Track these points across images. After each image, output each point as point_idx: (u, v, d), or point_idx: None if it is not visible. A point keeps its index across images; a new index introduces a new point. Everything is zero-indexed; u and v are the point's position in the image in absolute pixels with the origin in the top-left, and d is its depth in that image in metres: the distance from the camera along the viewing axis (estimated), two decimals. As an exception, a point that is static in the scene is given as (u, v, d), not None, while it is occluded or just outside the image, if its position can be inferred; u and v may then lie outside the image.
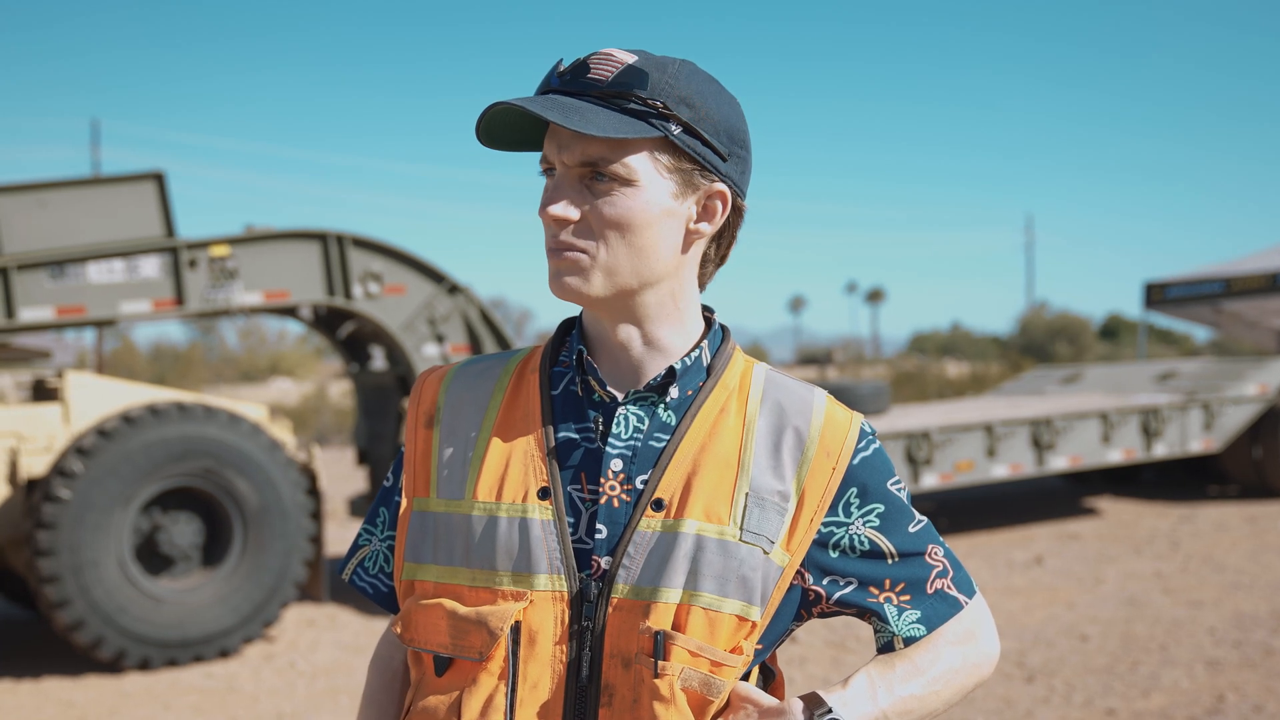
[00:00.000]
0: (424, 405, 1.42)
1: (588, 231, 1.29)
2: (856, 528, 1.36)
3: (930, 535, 1.41)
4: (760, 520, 1.30)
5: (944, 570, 1.41)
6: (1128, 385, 12.59)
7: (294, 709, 5.79)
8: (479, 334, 7.92)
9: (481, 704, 1.27)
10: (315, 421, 22.32)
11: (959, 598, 1.42)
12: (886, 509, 1.38)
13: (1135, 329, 38.94)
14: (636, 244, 1.29)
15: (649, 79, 1.27)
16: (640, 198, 1.28)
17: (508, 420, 1.37)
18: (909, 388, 24.27)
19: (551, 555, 1.28)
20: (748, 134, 1.37)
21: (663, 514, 1.29)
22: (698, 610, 1.26)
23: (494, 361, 1.45)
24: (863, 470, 1.37)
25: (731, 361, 1.39)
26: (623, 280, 1.30)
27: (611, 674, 1.26)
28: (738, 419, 1.35)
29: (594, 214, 1.28)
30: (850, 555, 1.36)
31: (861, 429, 1.39)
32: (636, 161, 1.27)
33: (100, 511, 6.27)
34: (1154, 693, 5.61)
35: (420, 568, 1.35)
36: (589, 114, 1.25)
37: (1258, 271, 14.55)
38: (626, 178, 1.27)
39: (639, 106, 1.26)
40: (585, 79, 1.28)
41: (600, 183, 1.28)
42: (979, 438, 9.67)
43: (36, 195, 6.93)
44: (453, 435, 1.38)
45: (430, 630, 1.32)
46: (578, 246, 1.29)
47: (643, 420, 1.33)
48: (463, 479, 1.35)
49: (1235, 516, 10.88)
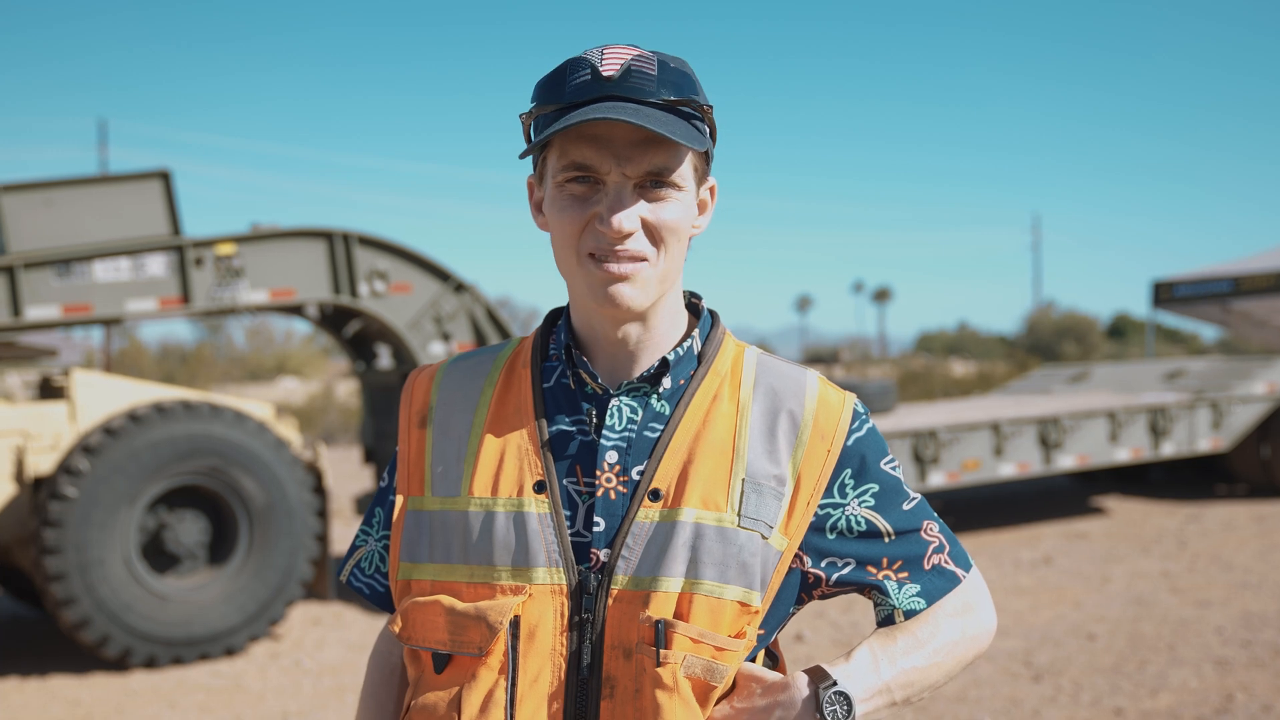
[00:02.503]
0: (416, 405, 1.43)
1: (645, 241, 1.29)
2: (853, 508, 1.36)
3: (925, 511, 1.42)
4: (758, 505, 1.30)
5: (940, 545, 1.42)
6: (1135, 384, 12.56)
7: (300, 707, 5.79)
8: (485, 332, 7.91)
9: (482, 699, 1.27)
10: (321, 420, 22.34)
11: (956, 571, 1.42)
12: (881, 488, 1.38)
13: (1143, 328, 38.86)
14: (680, 249, 1.32)
15: (697, 84, 1.29)
16: (686, 203, 1.31)
17: (500, 415, 1.37)
18: (916, 387, 24.24)
19: (549, 549, 1.28)
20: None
21: (660, 504, 1.29)
22: (700, 598, 1.26)
23: (483, 357, 1.45)
24: (856, 450, 1.37)
25: (722, 347, 1.40)
26: (666, 285, 1.33)
27: (613, 665, 1.26)
28: (731, 405, 1.35)
29: (656, 222, 1.28)
30: (847, 536, 1.36)
31: (854, 410, 1.40)
32: (685, 168, 1.30)
33: (106, 510, 6.28)
34: (1162, 692, 5.59)
35: (416, 567, 1.35)
36: (674, 125, 1.25)
37: (1266, 270, 14.51)
38: (680, 185, 1.29)
39: (691, 111, 1.28)
40: (640, 85, 1.26)
41: (655, 190, 1.28)
42: (986, 437, 9.65)
43: (43, 194, 6.94)
44: (446, 433, 1.38)
45: (428, 628, 1.31)
46: (640, 256, 1.28)
47: (636, 411, 1.33)
48: (458, 476, 1.35)
49: (1243, 515, 10.84)
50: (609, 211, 1.26)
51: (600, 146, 1.26)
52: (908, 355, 47.85)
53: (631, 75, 1.26)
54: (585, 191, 1.28)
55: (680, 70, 1.29)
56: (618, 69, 1.26)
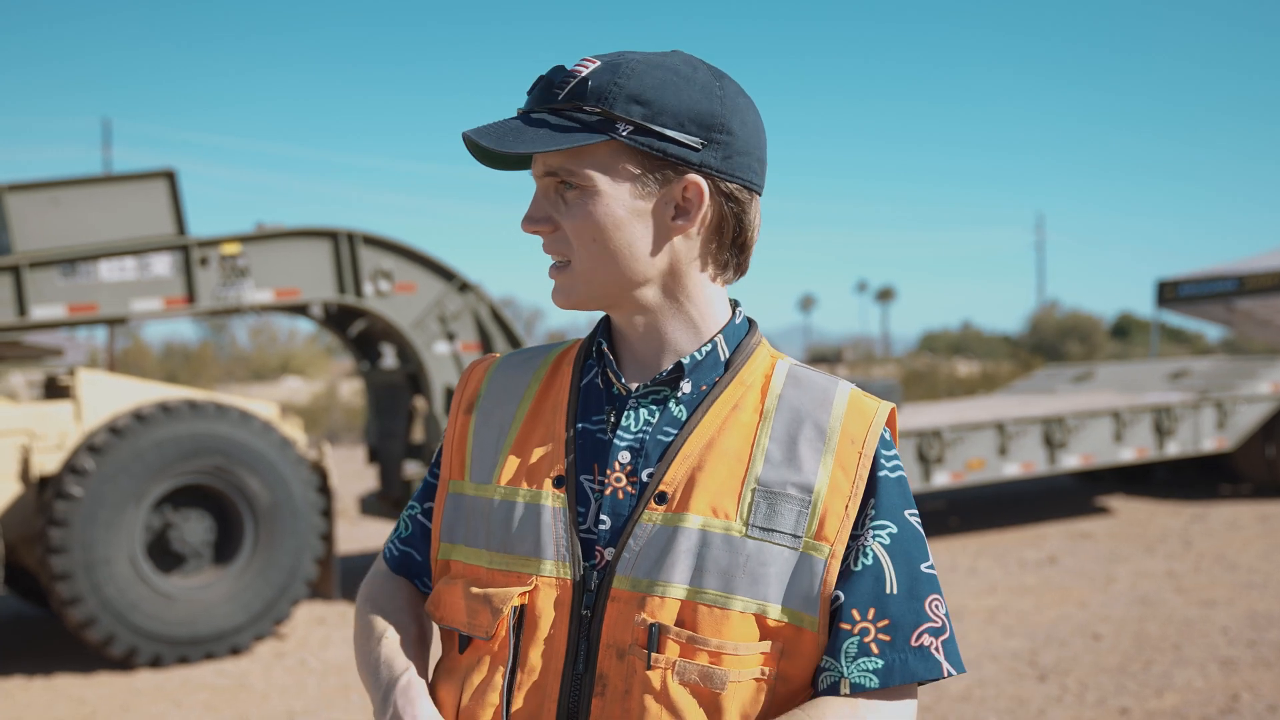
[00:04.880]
0: (467, 392, 1.47)
1: (564, 240, 1.32)
2: (865, 539, 1.29)
3: (936, 584, 1.32)
4: (769, 515, 1.27)
5: (941, 628, 1.29)
6: (1140, 384, 12.55)
7: (305, 706, 5.80)
8: (489, 332, 7.91)
9: (481, 682, 1.30)
10: (326, 419, 22.36)
11: (944, 664, 1.28)
12: (900, 532, 1.30)
13: (1147, 328, 38.82)
14: (610, 248, 1.30)
15: (589, 86, 1.28)
16: (601, 203, 1.29)
17: (539, 410, 1.40)
18: (920, 387, 24.22)
19: (559, 542, 1.30)
20: (729, 114, 1.31)
21: (665, 507, 1.28)
22: (704, 608, 1.25)
23: (536, 353, 1.48)
24: (885, 483, 1.31)
25: (754, 357, 1.37)
26: (605, 285, 1.32)
27: (606, 664, 1.26)
28: (753, 415, 1.33)
29: (565, 223, 1.31)
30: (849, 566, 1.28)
31: (883, 438, 1.33)
32: (592, 168, 1.29)
33: (112, 509, 6.29)
34: (1167, 692, 5.59)
35: (454, 548, 1.39)
36: (526, 133, 1.28)
37: (1271, 269, 14.49)
38: (585, 185, 1.29)
39: (587, 115, 1.28)
40: (547, 94, 1.31)
41: (568, 191, 1.30)
42: (990, 436, 9.64)
43: (48, 194, 6.94)
44: (488, 422, 1.42)
45: (453, 608, 1.35)
46: (559, 256, 1.33)
47: (653, 414, 1.34)
48: (492, 464, 1.38)
49: (1248, 515, 10.83)
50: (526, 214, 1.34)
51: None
52: (912, 355, 47.79)
53: (547, 87, 1.31)
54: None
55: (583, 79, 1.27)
56: (537, 83, 1.32)
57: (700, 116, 1.29)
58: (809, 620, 1.27)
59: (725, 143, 1.31)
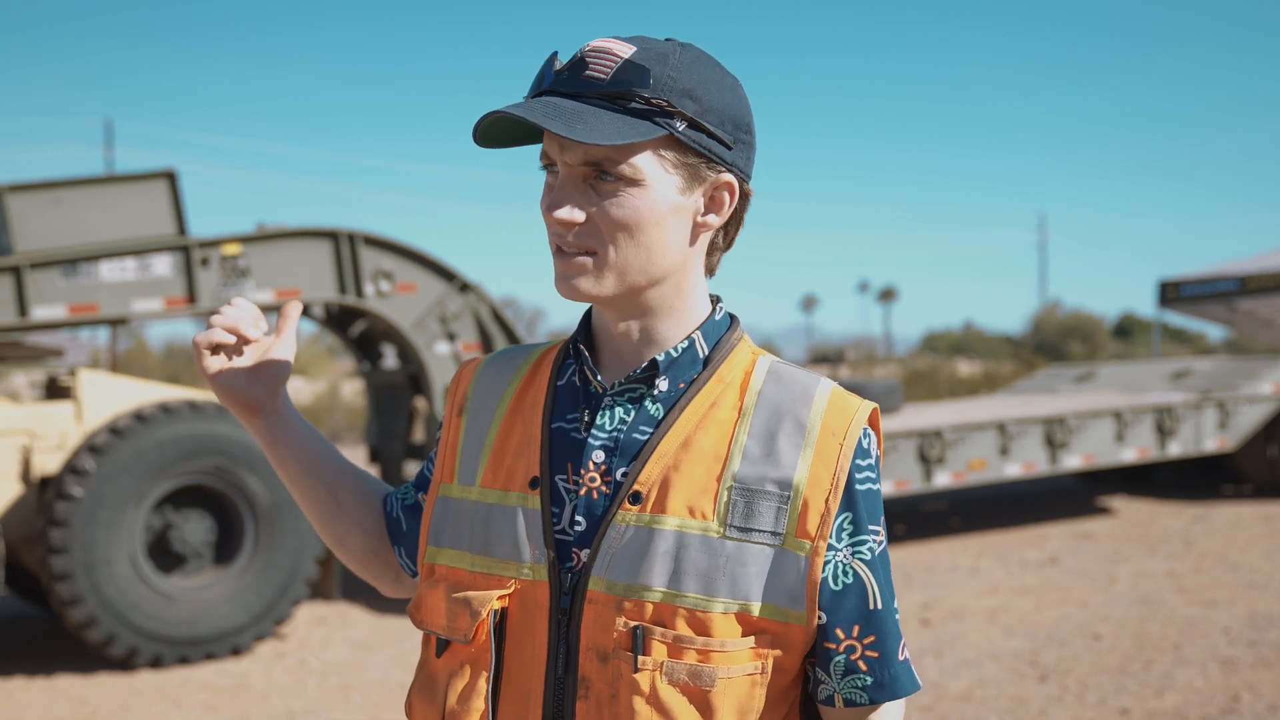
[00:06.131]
0: (458, 394, 1.45)
1: (594, 232, 1.25)
2: (844, 556, 1.26)
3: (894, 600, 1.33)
4: (747, 514, 1.25)
5: (903, 641, 1.31)
6: (1142, 384, 12.54)
7: (305, 706, 5.80)
8: (490, 332, 7.91)
9: (465, 686, 1.28)
10: (327, 420, 22.37)
11: (916, 678, 1.31)
12: (878, 548, 1.29)
13: (1149, 328, 38.79)
14: (645, 243, 1.25)
15: (650, 75, 1.22)
16: (648, 197, 1.24)
17: (517, 409, 1.38)
18: (921, 386, 24.18)
19: (535, 544, 1.28)
20: (751, 116, 1.32)
21: (639, 507, 1.26)
22: (684, 611, 1.22)
23: (520, 351, 1.46)
24: (862, 497, 1.28)
25: (734, 354, 1.34)
26: (632, 279, 1.27)
27: (588, 667, 1.24)
28: (731, 412, 1.30)
29: (601, 215, 1.24)
30: (830, 586, 1.26)
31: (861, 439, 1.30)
32: (642, 161, 1.23)
33: (112, 509, 6.29)
34: (1168, 692, 5.58)
35: (439, 551, 1.38)
36: (590, 119, 1.20)
37: (1273, 270, 14.50)
38: (633, 178, 1.23)
39: (641, 105, 1.22)
40: (583, 78, 1.23)
41: (605, 183, 1.24)
42: (992, 436, 9.63)
43: (49, 194, 6.94)
44: (475, 423, 1.40)
45: (433, 611, 1.34)
46: (586, 248, 1.26)
47: (629, 412, 1.31)
48: (475, 466, 1.37)
49: (1250, 515, 10.82)
50: (547, 204, 1.26)
51: (552, 136, 1.25)
52: (913, 355, 47.74)
53: (579, 68, 1.23)
54: (552, 181, 1.28)
55: (640, 66, 1.22)
56: (571, 63, 1.25)
57: (736, 117, 1.29)
58: (795, 615, 1.25)
59: (748, 143, 1.31)
